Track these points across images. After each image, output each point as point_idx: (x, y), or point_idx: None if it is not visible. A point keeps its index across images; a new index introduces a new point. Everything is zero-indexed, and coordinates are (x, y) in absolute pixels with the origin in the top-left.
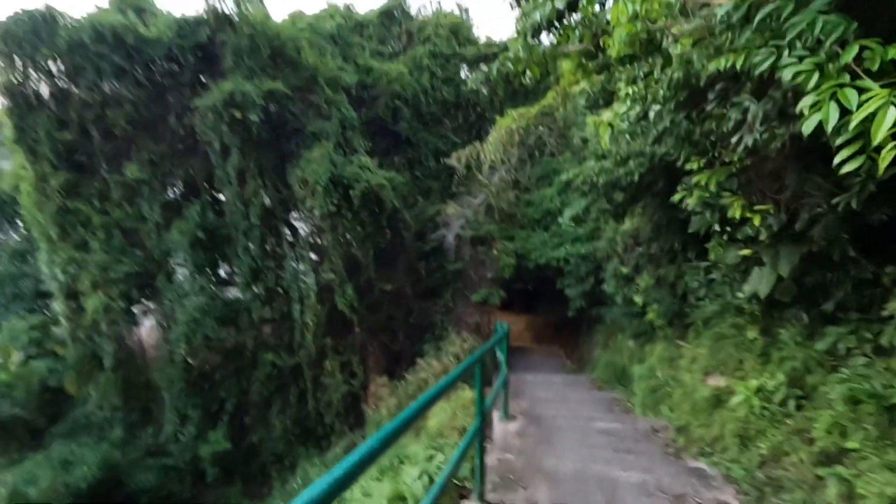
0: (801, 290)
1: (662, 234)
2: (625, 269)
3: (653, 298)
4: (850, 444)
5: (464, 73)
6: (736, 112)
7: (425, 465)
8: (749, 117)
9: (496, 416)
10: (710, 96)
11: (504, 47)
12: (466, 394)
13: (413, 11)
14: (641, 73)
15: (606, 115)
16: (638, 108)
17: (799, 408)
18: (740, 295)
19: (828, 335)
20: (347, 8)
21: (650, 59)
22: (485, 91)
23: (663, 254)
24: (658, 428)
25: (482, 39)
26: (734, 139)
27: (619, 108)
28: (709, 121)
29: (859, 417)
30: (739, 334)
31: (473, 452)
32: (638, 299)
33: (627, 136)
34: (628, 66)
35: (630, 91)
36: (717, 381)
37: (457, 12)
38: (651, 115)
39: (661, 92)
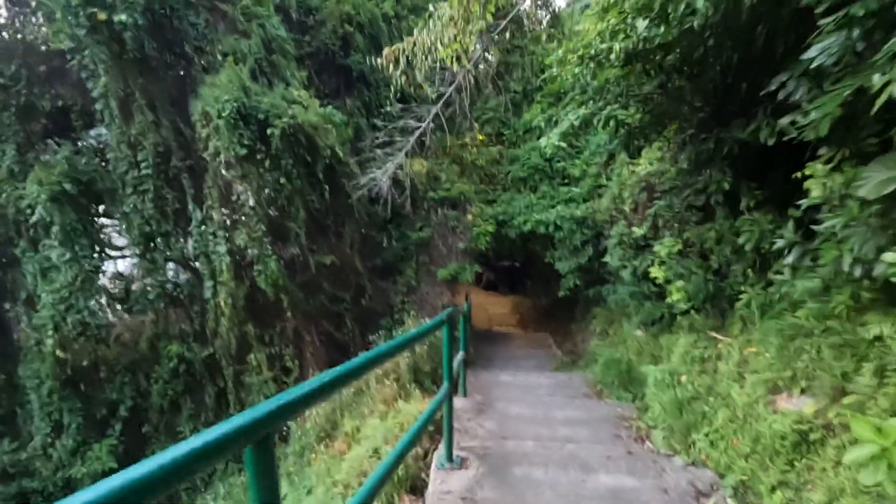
0: None
1: (702, 173)
2: (638, 231)
3: (677, 273)
4: None
5: None
6: None
7: None
8: None
9: (435, 460)
10: None
11: None
12: (413, 407)
13: None
14: None
15: None
16: None
17: None
18: (891, 258)
19: None
20: None
21: None
22: None
23: (691, 211)
24: (704, 489)
25: None
26: None
27: None
28: None
29: None
30: (844, 329)
31: None
32: (657, 273)
33: None
34: None
35: None
36: (797, 406)
37: None
38: None
39: None
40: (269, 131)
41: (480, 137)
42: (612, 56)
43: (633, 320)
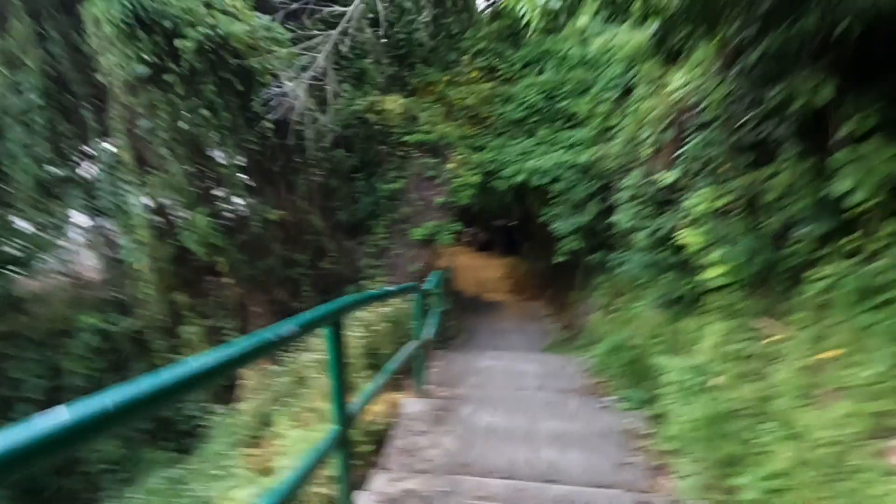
0: None
1: (771, 87)
2: (667, 177)
3: (719, 236)
4: None
5: None
6: None
7: None
8: None
9: None
10: None
11: None
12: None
13: None
14: None
15: None
16: None
17: None
18: None
19: None
20: None
21: None
22: None
23: (741, 150)
24: None
25: None
26: None
27: None
28: None
29: None
30: None
31: None
32: (692, 239)
33: None
34: None
35: None
36: None
37: None
38: None
39: None
40: (179, 45)
41: (474, 73)
42: None
43: (645, 295)
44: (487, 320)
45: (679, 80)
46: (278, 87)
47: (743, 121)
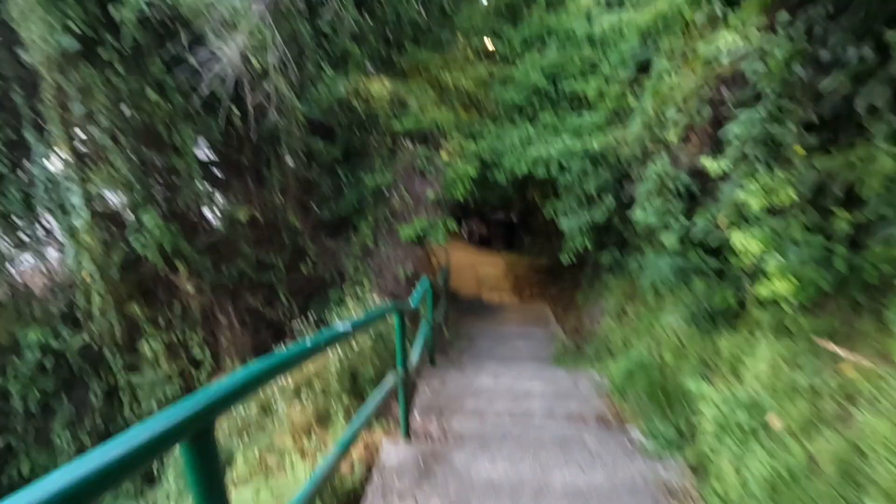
0: None
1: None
2: (717, 165)
3: (780, 238)
4: None
5: None
6: None
7: None
8: None
9: None
10: None
11: None
12: (302, 469)
13: None
14: None
15: None
16: None
17: None
18: None
19: None
20: None
21: None
22: None
23: (812, 129)
24: None
25: None
26: None
27: None
28: None
29: None
30: None
31: None
32: (749, 243)
33: None
34: None
35: None
36: None
37: None
38: None
39: None
40: (115, 13)
41: (469, 54)
42: None
43: (671, 303)
44: (486, 324)
45: (722, 43)
46: (212, 49)
47: (817, 90)
